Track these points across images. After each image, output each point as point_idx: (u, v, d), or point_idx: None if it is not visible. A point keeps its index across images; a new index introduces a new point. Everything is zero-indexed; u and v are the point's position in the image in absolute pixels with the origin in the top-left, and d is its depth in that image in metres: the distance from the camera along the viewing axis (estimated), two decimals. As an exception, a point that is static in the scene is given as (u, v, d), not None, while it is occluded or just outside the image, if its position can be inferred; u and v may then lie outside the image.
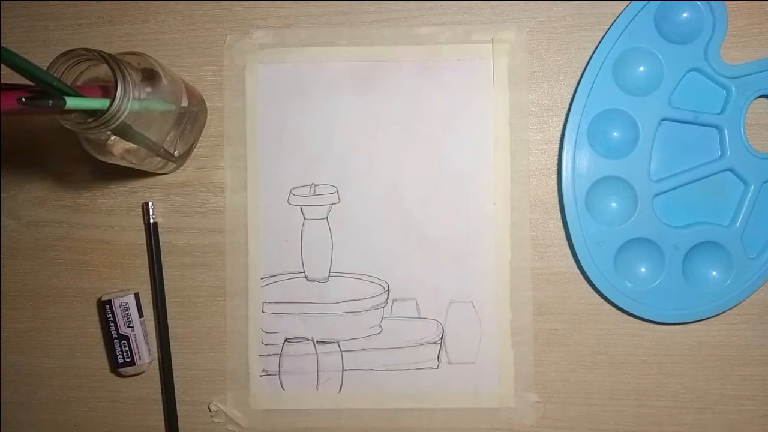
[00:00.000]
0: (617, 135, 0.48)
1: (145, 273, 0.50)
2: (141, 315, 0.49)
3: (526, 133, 0.49)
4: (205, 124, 0.49)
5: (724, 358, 0.48)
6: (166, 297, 0.49)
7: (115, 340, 0.48)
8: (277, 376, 0.49)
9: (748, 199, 0.47)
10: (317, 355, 0.49)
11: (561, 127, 0.48)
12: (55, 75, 0.35)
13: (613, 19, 0.47)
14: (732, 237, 0.47)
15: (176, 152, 0.46)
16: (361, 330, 0.49)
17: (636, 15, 0.47)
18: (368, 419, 0.49)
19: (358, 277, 0.49)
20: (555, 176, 0.49)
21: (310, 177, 0.49)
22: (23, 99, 0.34)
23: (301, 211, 0.49)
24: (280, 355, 0.49)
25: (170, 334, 0.49)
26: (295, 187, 0.49)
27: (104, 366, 0.50)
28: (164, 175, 0.49)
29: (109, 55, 0.36)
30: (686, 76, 0.47)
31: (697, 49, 0.47)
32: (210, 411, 0.49)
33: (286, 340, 0.49)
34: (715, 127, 0.48)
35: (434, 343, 0.48)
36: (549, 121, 0.49)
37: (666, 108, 0.47)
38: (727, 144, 0.47)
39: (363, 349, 0.49)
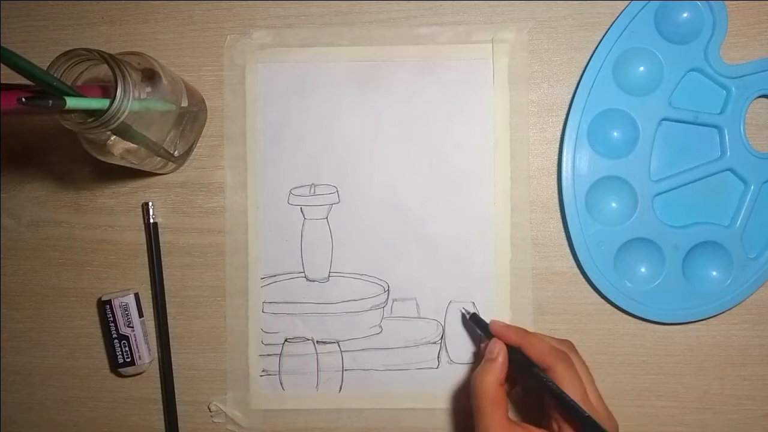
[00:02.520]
0: (617, 135, 0.48)
1: (145, 273, 0.50)
2: (141, 315, 0.49)
3: (526, 133, 0.48)
4: (205, 124, 0.49)
5: (724, 358, 0.48)
6: (166, 297, 0.49)
7: (115, 340, 0.48)
8: (277, 376, 0.49)
9: (748, 199, 0.47)
10: (317, 355, 0.49)
11: (561, 127, 0.48)
12: (55, 75, 0.35)
13: (613, 19, 0.47)
14: (732, 237, 0.47)
15: (176, 152, 0.46)
16: (361, 330, 0.49)
17: (636, 15, 0.47)
18: (368, 419, 0.49)
19: (358, 277, 0.49)
20: (555, 176, 0.48)
21: (310, 177, 0.49)
22: (23, 99, 0.34)
23: (301, 211, 0.49)
24: (280, 355, 0.49)
25: (170, 334, 0.49)
26: (295, 187, 0.49)
27: (104, 366, 0.50)
28: (164, 175, 0.49)
29: (109, 55, 0.36)
30: (686, 76, 0.47)
31: (697, 49, 0.47)
32: (210, 411, 0.49)
33: (286, 340, 0.49)
34: (715, 127, 0.48)
35: (434, 343, 0.48)
36: (549, 121, 0.49)
37: (666, 108, 0.47)
38: (727, 144, 0.47)
39: (363, 349, 0.49)
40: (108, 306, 0.48)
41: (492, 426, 0.39)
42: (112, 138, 0.40)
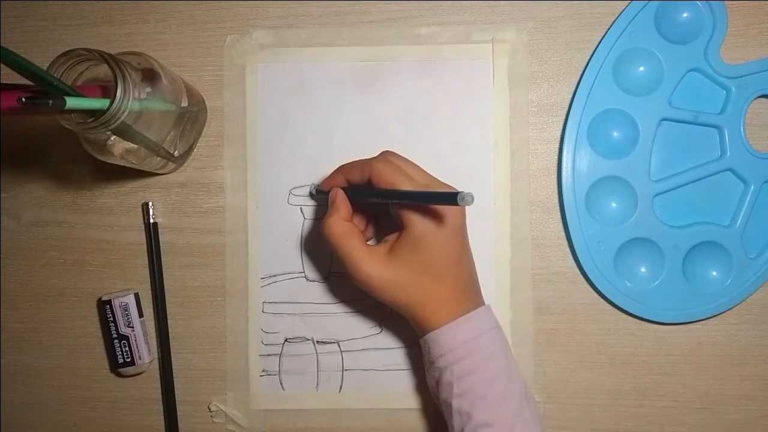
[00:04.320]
0: (617, 135, 0.48)
1: (145, 273, 0.50)
2: (141, 315, 0.49)
3: (526, 133, 0.49)
4: (205, 124, 0.49)
5: (724, 358, 0.48)
6: (166, 297, 0.49)
7: (115, 340, 0.48)
8: (277, 376, 0.49)
9: (748, 199, 0.47)
10: (317, 355, 0.49)
11: (561, 127, 0.48)
12: (55, 75, 0.35)
13: (613, 19, 0.47)
14: (732, 237, 0.47)
15: (176, 152, 0.46)
16: (361, 330, 0.49)
17: (636, 15, 0.47)
18: (368, 419, 0.49)
19: (358, 277, 0.49)
20: (555, 176, 0.48)
21: (310, 177, 0.49)
22: (23, 99, 0.34)
23: (301, 211, 0.49)
24: (280, 355, 0.49)
25: (170, 334, 0.49)
26: (295, 187, 0.49)
27: (104, 366, 0.50)
28: (164, 175, 0.49)
29: (109, 55, 0.36)
30: (686, 76, 0.47)
31: (697, 49, 0.47)
32: (210, 411, 0.49)
33: (286, 340, 0.49)
34: (715, 127, 0.48)
35: (434, 343, 0.48)
36: (549, 121, 0.49)
37: (666, 108, 0.47)
38: (727, 144, 0.47)
39: (363, 349, 0.49)
40: (108, 306, 0.48)
41: (352, 253, 0.41)
42: (112, 138, 0.40)
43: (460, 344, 0.40)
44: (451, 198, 0.35)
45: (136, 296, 0.49)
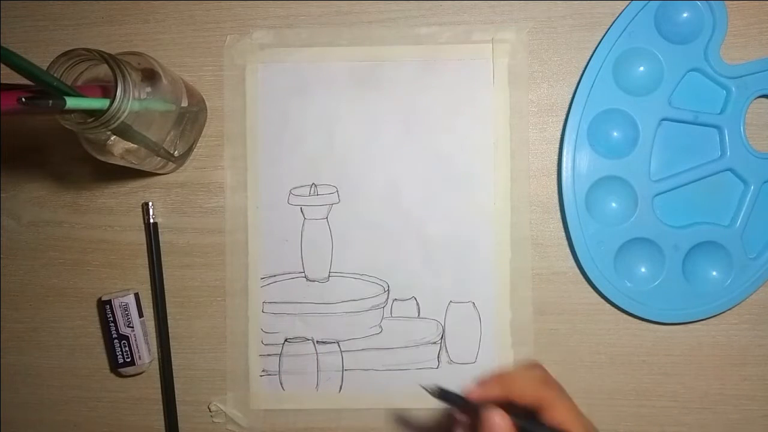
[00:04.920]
0: (617, 135, 0.48)
1: (145, 273, 0.50)
2: (141, 315, 0.49)
3: (526, 133, 0.49)
4: (205, 124, 0.49)
5: (724, 358, 0.48)
6: (166, 297, 0.49)
7: (115, 340, 0.48)
8: (277, 376, 0.49)
9: (748, 199, 0.47)
10: (317, 355, 0.49)
11: (561, 127, 0.48)
12: (55, 75, 0.35)
13: (613, 19, 0.47)
14: (732, 237, 0.47)
15: (176, 152, 0.46)
16: (361, 330, 0.49)
17: (636, 15, 0.47)
18: (368, 419, 0.49)
19: (358, 277, 0.49)
20: (555, 176, 0.48)
21: (310, 177, 0.49)
22: (23, 99, 0.34)
23: (301, 211, 0.49)
24: (280, 355, 0.49)
25: (170, 334, 0.49)
26: (295, 187, 0.49)
27: (104, 366, 0.50)
28: (164, 175, 0.49)
29: (109, 55, 0.36)
30: (686, 76, 0.47)
31: (697, 49, 0.47)
32: (210, 411, 0.49)
33: (286, 340, 0.49)
34: (715, 127, 0.48)
35: (434, 343, 0.48)
36: (549, 121, 0.49)
37: (666, 108, 0.47)
38: (727, 144, 0.47)
39: (363, 349, 0.49)
40: (108, 306, 0.48)
41: None
42: (112, 138, 0.40)
43: None
44: None
45: (136, 296, 0.49)
